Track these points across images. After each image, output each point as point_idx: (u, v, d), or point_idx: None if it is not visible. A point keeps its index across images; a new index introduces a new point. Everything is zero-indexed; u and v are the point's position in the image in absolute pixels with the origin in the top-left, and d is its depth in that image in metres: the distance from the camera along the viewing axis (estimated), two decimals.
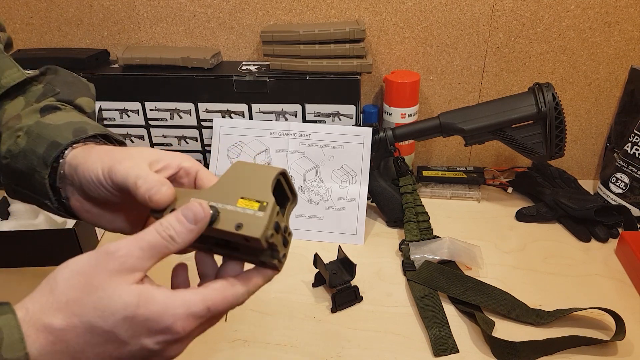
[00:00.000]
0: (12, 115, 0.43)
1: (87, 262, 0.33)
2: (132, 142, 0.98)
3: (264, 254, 0.37)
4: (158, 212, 0.37)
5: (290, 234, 0.39)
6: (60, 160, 0.41)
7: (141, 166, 0.38)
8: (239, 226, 0.35)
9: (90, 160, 0.39)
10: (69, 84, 0.48)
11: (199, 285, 0.38)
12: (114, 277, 0.32)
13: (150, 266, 0.34)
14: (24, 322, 0.31)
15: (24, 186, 0.42)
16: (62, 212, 0.43)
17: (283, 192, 0.39)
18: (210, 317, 0.35)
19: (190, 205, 0.35)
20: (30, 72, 0.47)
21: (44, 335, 0.31)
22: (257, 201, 0.36)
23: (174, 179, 0.41)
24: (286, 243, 0.38)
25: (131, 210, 0.43)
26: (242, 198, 0.36)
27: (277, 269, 0.38)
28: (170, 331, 0.33)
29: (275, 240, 0.37)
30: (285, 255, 0.38)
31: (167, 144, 0.99)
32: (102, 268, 0.32)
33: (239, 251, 0.38)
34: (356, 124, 0.93)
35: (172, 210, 0.36)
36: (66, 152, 0.41)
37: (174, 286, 0.39)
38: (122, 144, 0.46)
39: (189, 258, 0.40)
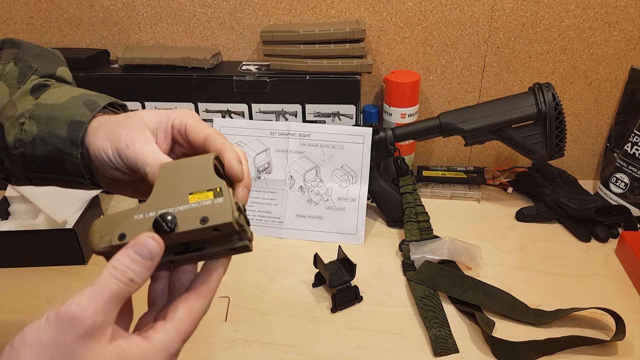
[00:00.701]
0: (2, 104, 0.42)
1: (51, 333, 0.29)
2: None
3: (233, 240, 0.35)
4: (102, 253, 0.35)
5: (245, 209, 0.37)
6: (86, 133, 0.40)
7: (146, 147, 0.37)
8: (204, 219, 0.33)
9: (99, 142, 0.39)
10: (39, 56, 0.46)
11: (158, 317, 0.35)
12: (86, 344, 0.29)
13: (116, 314, 0.31)
14: None
15: (47, 170, 0.41)
16: (95, 187, 0.43)
17: (220, 175, 0.36)
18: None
19: (141, 241, 0.32)
20: None
21: None
22: (209, 190, 0.34)
23: (175, 143, 0.40)
24: (248, 222, 0.36)
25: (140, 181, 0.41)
26: (191, 194, 0.34)
27: (249, 249, 0.37)
28: None
29: (242, 221, 0.35)
30: (252, 233, 0.36)
31: None
32: (72, 336, 0.29)
33: (203, 249, 0.36)
34: (356, 124, 0.93)
35: (121, 235, 0.33)
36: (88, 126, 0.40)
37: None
38: (124, 108, 0.46)
39: None
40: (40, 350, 0.28)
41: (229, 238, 0.35)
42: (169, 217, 0.32)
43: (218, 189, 0.34)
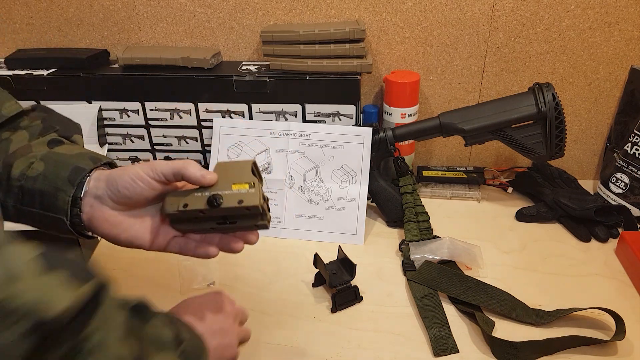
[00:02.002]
0: (20, 145, 0.50)
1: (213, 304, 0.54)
2: (132, 142, 0.98)
3: (257, 219, 0.50)
4: (178, 221, 0.51)
5: (267, 199, 0.52)
6: (86, 179, 0.49)
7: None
8: (240, 201, 0.48)
9: (127, 168, 0.49)
10: (62, 123, 0.55)
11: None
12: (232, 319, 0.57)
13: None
14: None
15: (38, 206, 0.48)
16: (71, 230, 0.49)
17: (255, 175, 0.51)
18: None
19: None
20: (24, 106, 0.54)
21: None
22: (246, 183, 0.49)
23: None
24: (269, 209, 0.52)
25: (148, 216, 0.52)
26: (234, 184, 0.49)
27: (267, 227, 0.52)
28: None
29: (265, 207, 0.50)
30: (270, 217, 0.52)
31: (167, 144, 0.99)
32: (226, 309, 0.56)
33: (236, 223, 0.50)
34: (356, 124, 0.93)
35: (184, 205, 0.49)
36: (90, 174, 0.50)
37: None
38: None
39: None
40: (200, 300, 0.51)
41: (255, 217, 0.50)
42: (218, 196, 0.48)
43: (252, 183, 0.49)
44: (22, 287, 0.30)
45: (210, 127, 0.94)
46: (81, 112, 0.92)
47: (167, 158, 0.99)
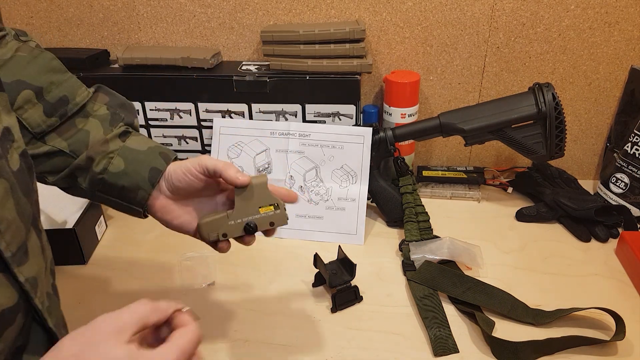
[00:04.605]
0: (98, 139, 0.55)
1: (86, 326, 0.39)
2: None
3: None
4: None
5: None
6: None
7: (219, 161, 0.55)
8: (272, 223, 0.57)
9: (180, 163, 0.57)
10: (123, 106, 0.60)
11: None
12: (109, 336, 0.38)
13: (136, 331, 0.39)
14: None
15: (116, 195, 0.56)
16: (142, 215, 0.58)
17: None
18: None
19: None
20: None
21: None
22: (270, 205, 0.56)
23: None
24: (285, 208, 0.58)
25: (194, 208, 0.59)
26: (260, 207, 0.56)
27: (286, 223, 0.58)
28: None
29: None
30: (287, 216, 0.58)
31: (167, 144, 0.98)
32: (98, 328, 0.39)
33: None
34: (356, 124, 0.93)
35: (224, 234, 0.56)
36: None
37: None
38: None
39: None
40: (75, 334, 0.39)
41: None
42: (252, 223, 0.56)
43: (276, 204, 0.56)
44: None
45: (210, 127, 0.94)
46: None
47: None
